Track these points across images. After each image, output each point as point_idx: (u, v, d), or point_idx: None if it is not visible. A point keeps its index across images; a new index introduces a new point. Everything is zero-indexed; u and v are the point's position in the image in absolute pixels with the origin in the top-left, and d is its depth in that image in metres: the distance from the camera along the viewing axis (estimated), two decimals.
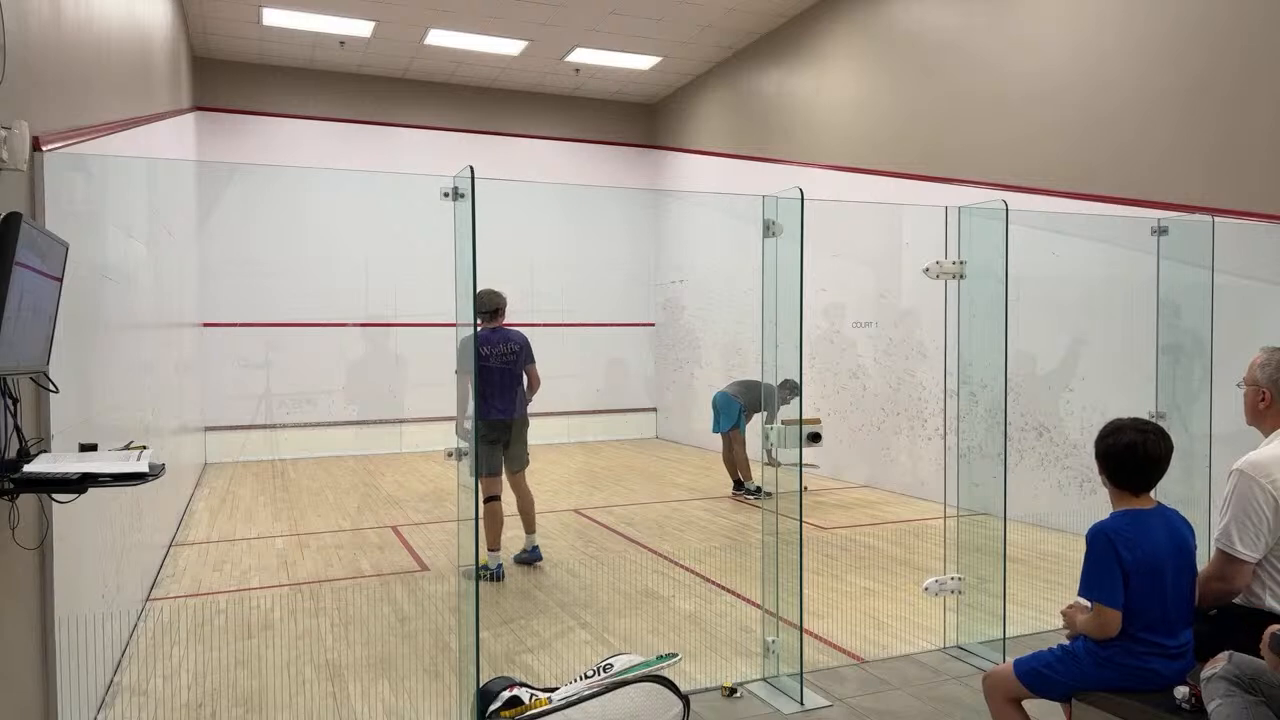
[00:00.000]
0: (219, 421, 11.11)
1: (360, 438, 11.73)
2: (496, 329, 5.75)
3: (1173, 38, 6.15)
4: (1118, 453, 2.56)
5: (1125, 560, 2.47)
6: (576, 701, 3.24)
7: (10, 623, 2.61)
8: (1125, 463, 2.55)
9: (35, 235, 2.35)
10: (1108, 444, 2.59)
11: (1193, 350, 5.09)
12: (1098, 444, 2.62)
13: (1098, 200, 6.59)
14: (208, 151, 11.23)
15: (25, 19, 2.82)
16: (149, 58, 6.51)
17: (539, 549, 5.97)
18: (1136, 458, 2.54)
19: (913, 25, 8.53)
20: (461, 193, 3.38)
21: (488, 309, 5.72)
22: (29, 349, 2.36)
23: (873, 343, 9.09)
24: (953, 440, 4.85)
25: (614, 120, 13.64)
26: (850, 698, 3.78)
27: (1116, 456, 2.56)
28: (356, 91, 12.19)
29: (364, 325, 11.83)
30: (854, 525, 7.25)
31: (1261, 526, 2.58)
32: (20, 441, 2.49)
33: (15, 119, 2.44)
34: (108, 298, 4.14)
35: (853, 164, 9.33)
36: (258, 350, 11.36)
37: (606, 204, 13.60)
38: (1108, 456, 2.58)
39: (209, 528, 7.29)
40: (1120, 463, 2.56)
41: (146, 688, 3.93)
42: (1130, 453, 2.54)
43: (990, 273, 4.29)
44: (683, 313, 12.94)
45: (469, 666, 3.46)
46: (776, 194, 3.89)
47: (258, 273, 11.35)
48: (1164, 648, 2.49)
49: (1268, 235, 5.48)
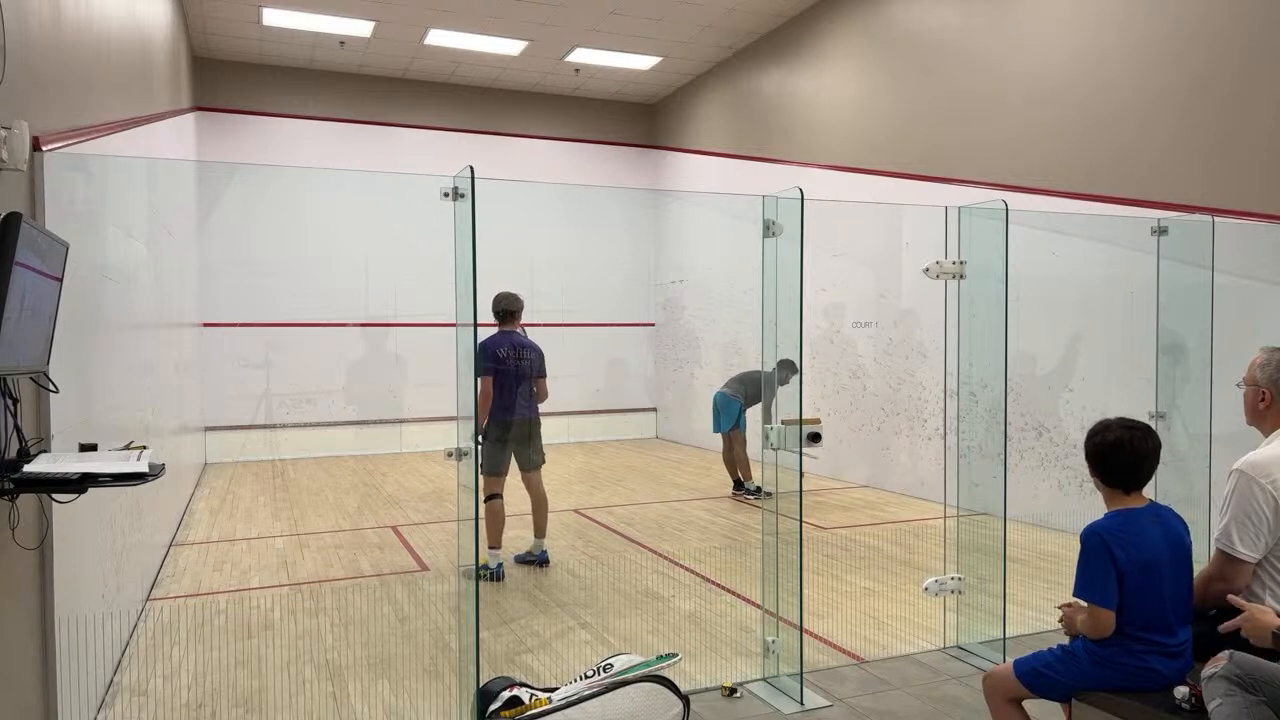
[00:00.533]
0: (219, 421, 11.12)
1: (360, 438, 11.73)
2: (513, 332, 5.77)
3: (1173, 38, 6.15)
4: (1106, 451, 2.57)
5: (1120, 560, 2.47)
6: (576, 701, 3.24)
7: (10, 623, 2.61)
8: (1114, 461, 2.56)
9: (35, 235, 2.35)
10: (1095, 443, 2.60)
11: (1193, 350, 5.10)
12: (1087, 445, 2.64)
13: (1098, 200, 6.59)
14: (208, 151, 11.23)
15: (25, 19, 2.82)
16: (149, 58, 6.51)
17: (547, 554, 5.95)
18: (1125, 455, 2.54)
19: (913, 25, 8.53)
20: (461, 193, 3.38)
21: (505, 309, 5.74)
22: (29, 349, 2.36)
23: (873, 343, 9.09)
24: (953, 440, 4.85)
25: (614, 120, 13.64)
26: (850, 698, 3.78)
27: (1105, 455, 2.57)
28: (356, 91, 12.19)
29: (364, 325, 11.83)
30: (854, 525, 7.25)
31: (1261, 527, 2.59)
32: (20, 441, 2.49)
33: (15, 119, 2.44)
34: (108, 298, 4.14)
35: (853, 164, 9.33)
36: (258, 350, 11.36)
37: (606, 204, 13.60)
38: (1097, 456, 2.59)
39: (209, 528, 7.29)
40: (1110, 461, 2.57)
41: (146, 688, 3.93)
42: (1118, 450, 2.55)
43: (990, 273, 4.29)
44: (683, 313, 12.94)
45: (469, 666, 3.46)
46: (776, 194, 3.89)
47: (258, 273, 11.35)
48: (1163, 646, 2.49)
49: (1267, 235, 5.48)
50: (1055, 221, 6.68)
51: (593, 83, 12.70)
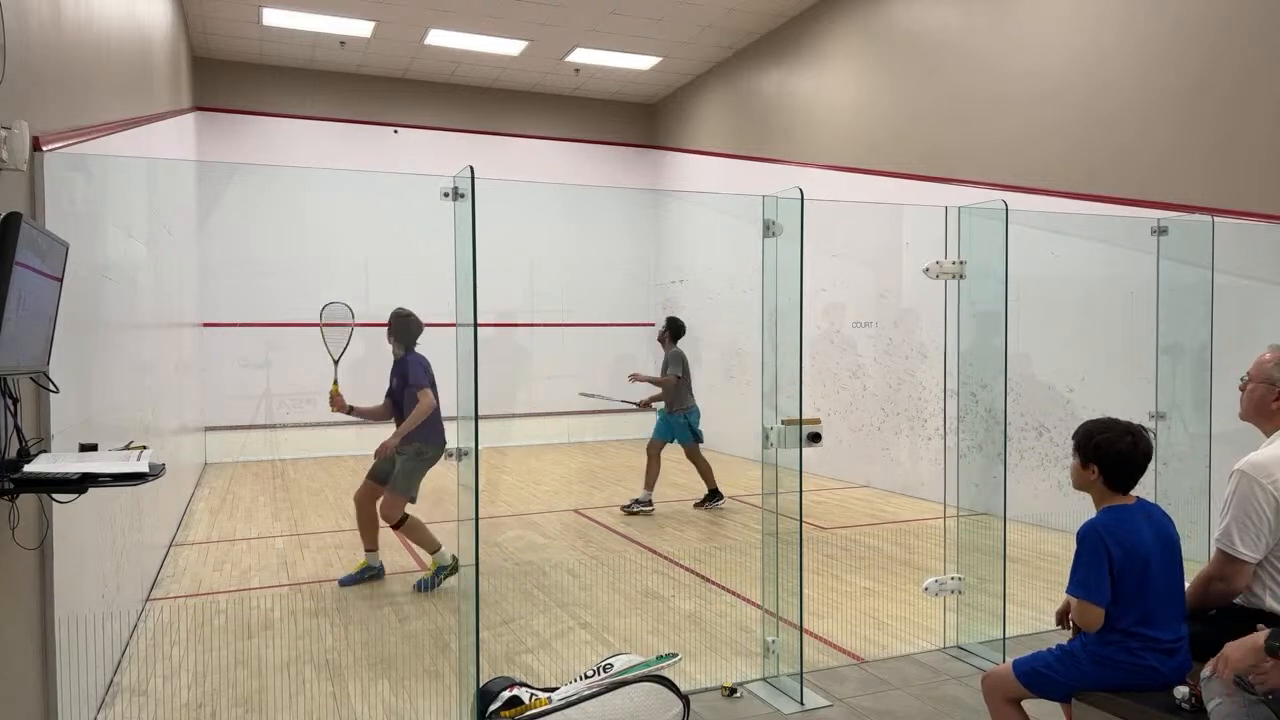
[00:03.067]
0: (219, 421, 11.11)
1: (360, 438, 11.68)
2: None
3: (1173, 38, 6.15)
4: (1120, 455, 2.56)
5: (1115, 557, 2.48)
6: (576, 701, 3.24)
7: (10, 623, 2.61)
8: (1125, 465, 2.56)
9: (35, 235, 2.35)
10: (1102, 446, 2.57)
11: (1193, 350, 5.09)
12: (1087, 441, 2.61)
13: (1098, 200, 6.59)
14: (208, 151, 11.23)
15: (25, 19, 2.82)
16: (149, 58, 6.51)
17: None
18: (1136, 459, 2.56)
19: (913, 25, 8.53)
20: (461, 193, 3.38)
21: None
22: (29, 349, 2.36)
23: (873, 343, 9.09)
24: (953, 440, 4.85)
25: (614, 120, 13.64)
26: (850, 698, 3.78)
27: (1118, 458, 2.56)
28: (356, 91, 12.19)
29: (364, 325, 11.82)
30: (854, 525, 7.25)
31: (1262, 527, 2.58)
32: (20, 441, 2.49)
33: (15, 119, 2.44)
34: (108, 298, 4.14)
35: (853, 164, 9.33)
36: (258, 350, 11.35)
37: (606, 204, 13.60)
38: (1107, 458, 2.57)
39: (209, 528, 7.29)
40: (1120, 465, 2.56)
41: (146, 688, 3.93)
42: (1131, 456, 2.55)
43: (990, 273, 4.29)
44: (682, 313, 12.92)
45: (469, 666, 3.46)
46: (776, 194, 3.89)
47: (258, 273, 11.34)
48: (1158, 642, 2.49)
49: (1267, 235, 5.48)
50: (1055, 221, 6.67)
51: (593, 83, 12.70)
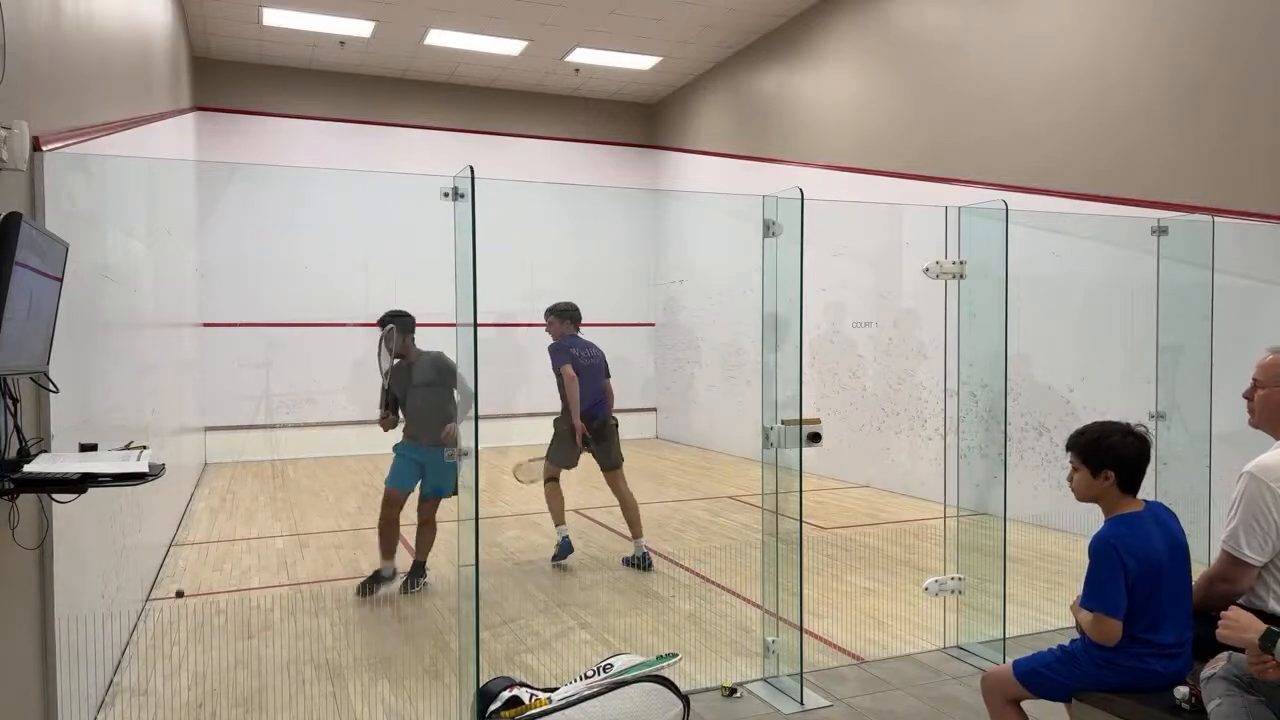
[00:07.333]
0: (219, 421, 11.11)
1: (361, 438, 11.70)
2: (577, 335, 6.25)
3: (1173, 38, 6.15)
4: (1135, 456, 2.54)
5: (1130, 568, 2.46)
6: (576, 701, 3.24)
7: (10, 623, 2.61)
8: (1138, 466, 2.55)
9: (35, 235, 2.35)
10: (1110, 444, 2.54)
11: (1193, 350, 5.09)
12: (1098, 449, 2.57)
13: (1098, 200, 6.59)
14: (208, 151, 11.23)
15: (25, 19, 2.82)
16: (149, 58, 6.51)
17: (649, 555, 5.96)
18: (1145, 456, 2.56)
19: (913, 25, 8.53)
20: (461, 193, 3.38)
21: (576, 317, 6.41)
22: (29, 349, 2.35)
23: (873, 343, 9.09)
24: (953, 440, 4.85)
25: (614, 120, 13.63)
26: (850, 698, 3.78)
27: (1133, 460, 2.54)
28: (356, 91, 12.19)
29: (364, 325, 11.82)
30: (854, 525, 7.25)
31: (1270, 530, 2.57)
32: (20, 441, 2.49)
33: (15, 119, 2.44)
34: (108, 298, 4.14)
35: (853, 164, 9.33)
36: (258, 350, 11.35)
37: (606, 204, 13.59)
38: (1124, 460, 2.54)
39: (209, 528, 7.29)
40: (1134, 466, 2.55)
41: (146, 688, 3.93)
42: (1142, 454, 2.55)
43: (990, 273, 4.29)
44: (683, 313, 12.94)
45: (469, 666, 3.46)
46: (776, 194, 3.89)
47: (258, 273, 11.34)
48: (1163, 647, 2.48)
49: (1268, 235, 5.48)
50: (1056, 221, 6.67)
51: (593, 83, 12.70)
